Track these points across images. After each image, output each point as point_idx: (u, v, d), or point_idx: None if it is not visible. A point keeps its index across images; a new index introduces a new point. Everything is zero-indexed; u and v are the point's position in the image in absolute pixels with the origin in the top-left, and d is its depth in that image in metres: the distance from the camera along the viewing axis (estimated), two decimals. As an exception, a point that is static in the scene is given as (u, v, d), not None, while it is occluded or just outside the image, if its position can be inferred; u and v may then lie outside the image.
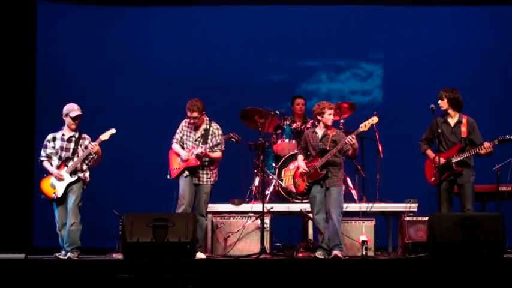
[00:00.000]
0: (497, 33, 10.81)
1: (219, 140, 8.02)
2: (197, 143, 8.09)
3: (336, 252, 7.63)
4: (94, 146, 7.88)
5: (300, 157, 8.02)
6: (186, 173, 8.06)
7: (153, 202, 9.53)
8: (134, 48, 10.94)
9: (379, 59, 10.95)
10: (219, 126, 8.17)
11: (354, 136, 7.66)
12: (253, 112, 9.30)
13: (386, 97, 10.60)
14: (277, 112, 9.33)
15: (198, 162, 8.00)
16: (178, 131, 8.21)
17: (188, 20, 11.03)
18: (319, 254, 7.69)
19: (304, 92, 10.20)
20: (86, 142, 8.04)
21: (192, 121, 8.04)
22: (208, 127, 8.14)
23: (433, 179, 7.92)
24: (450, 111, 7.95)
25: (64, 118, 8.03)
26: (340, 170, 7.85)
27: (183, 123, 8.21)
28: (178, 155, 8.10)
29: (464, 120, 7.93)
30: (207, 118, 8.16)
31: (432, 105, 7.84)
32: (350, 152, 7.76)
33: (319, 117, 7.87)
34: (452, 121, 7.96)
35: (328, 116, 7.81)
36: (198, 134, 8.13)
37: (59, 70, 10.77)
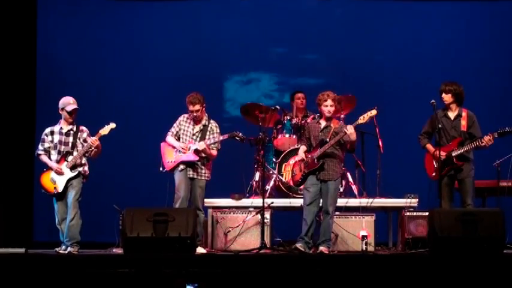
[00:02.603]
0: (498, 29, 10.79)
1: (217, 139, 8.01)
2: (194, 137, 8.09)
3: (323, 248, 7.62)
4: (94, 141, 7.87)
5: (302, 147, 7.98)
6: (181, 167, 8.06)
7: (154, 197, 9.52)
8: (134, 42, 10.91)
9: (379, 54, 10.92)
10: (217, 125, 8.19)
11: (352, 126, 7.64)
12: (253, 107, 9.30)
13: (386, 92, 10.58)
14: (278, 107, 9.31)
15: (197, 158, 7.99)
16: (175, 125, 8.20)
17: (188, 14, 11.01)
18: (300, 246, 7.65)
19: (305, 87, 10.17)
20: (85, 135, 8.04)
21: (194, 114, 8.03)
22: (207, 123, 8.14)
23: (433, 174, 7.92)
24: (452, 105, 7.94)
25: (60, 112, 8.02)
26: (339, 163, 7.81)
27: (181, 118, 8.20)
28: (173, 147, 8.10)
29: (464, 114, 7.93)
30: (206, 114, 8.16)
31: (433, 101, 7.84)
32: (348, 145, 7.74)
33: (319, 108, 7.86)
34: (452, 114, 7.96)
35: (324, 108, 7.75)
36: (197, 128, 8.12)
37: (59, 64, 10.76)
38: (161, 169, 8.16)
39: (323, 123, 7.88)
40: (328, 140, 7.72)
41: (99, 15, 10.95)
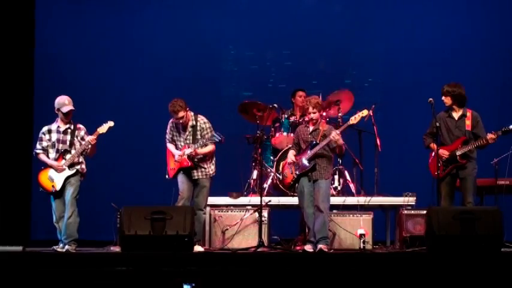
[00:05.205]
0: (499, 27, 10.78)
1: (208, 135, 7.97)
2: (187, 141, 8.05)
3: (321, 245, 7.62)
4: (93, 140, 7.86)
5: (291, 151, 8.03)
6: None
7: (152, 195, 9.52)
8: (133, 41, 10.92)
9: (379, 52, 10.92)
10: (205, 119, 8.10)
11: (338, 132, 7.65)
12: (251, 105, 9.29)
13: (385, 91, 10.58)
14: (276, 105, 9.32)
15: (190, 163, 7.96)
16: (167, 131, 8.16)
17: (188, 11, 11.00)
18: (308, 248, 7.70)
19: (305, 85, 10.17)
20: (82, 133, 8.03)
21: (180, 121, 7.97)
22: (194, 123, 8.06)
23: (436, 173, 7.90)
24: (454, 106, 7.93)
25: (56, 112, 8.00)
26: (329, 163, 7.85)
27: (170, 124, 8.14)
28: (173, 155, 8.09)
29: (468, 114, 7.91)
30: (192, 114, 8.07)
31: (431, 99, 7.82)
32: (337, 149, 7.76)
33: (306, 113, 7.93)
34: (456, 115, 7.94)
35: (311, 114, 7.83)
36: (186, 132, 8.07)
37: (57, 62, 10.75)
38: (167, 177, 8.15)
39: (312, 126, 7.91)
40: (318, 141, 7.74)
41: (97, 14, 10.93)
